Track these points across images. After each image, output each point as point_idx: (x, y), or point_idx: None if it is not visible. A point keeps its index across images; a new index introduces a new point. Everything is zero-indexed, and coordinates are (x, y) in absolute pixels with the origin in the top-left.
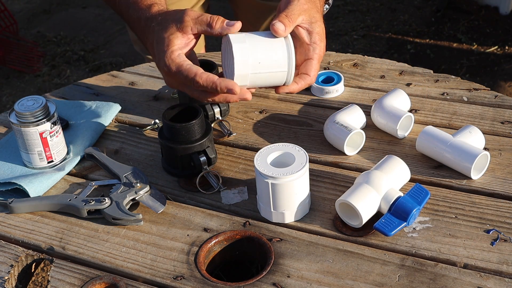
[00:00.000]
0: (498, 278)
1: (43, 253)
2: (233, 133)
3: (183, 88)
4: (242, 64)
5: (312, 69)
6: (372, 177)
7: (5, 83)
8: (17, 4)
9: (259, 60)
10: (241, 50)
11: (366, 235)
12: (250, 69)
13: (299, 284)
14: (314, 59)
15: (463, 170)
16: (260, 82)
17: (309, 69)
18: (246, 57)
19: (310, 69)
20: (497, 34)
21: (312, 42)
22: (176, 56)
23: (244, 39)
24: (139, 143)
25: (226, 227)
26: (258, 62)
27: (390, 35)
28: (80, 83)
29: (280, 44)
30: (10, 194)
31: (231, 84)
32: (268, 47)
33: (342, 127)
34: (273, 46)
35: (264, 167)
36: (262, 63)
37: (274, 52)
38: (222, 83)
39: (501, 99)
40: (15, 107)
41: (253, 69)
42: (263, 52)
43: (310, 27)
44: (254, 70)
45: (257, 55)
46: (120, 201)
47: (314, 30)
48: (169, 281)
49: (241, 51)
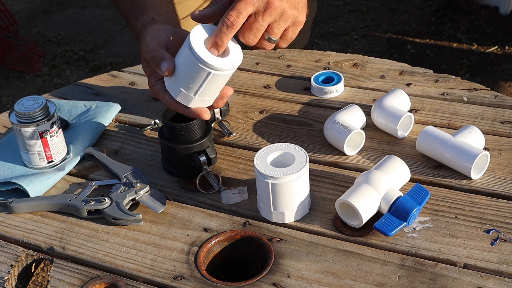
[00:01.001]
0: (498, 278)
1: (43, 253)
2: (233, 133)
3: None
4: (182, 98)
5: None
6: (372, 177)
7: (5, 83)
8: (17, 4)
9: (188, 83)
10: (171, 88)
11: (366, 235)
12: (190, 94)
13: (299, 284)
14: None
15: (463, 170)
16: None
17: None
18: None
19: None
20: (497, 34)
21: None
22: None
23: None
24: (139, 143)
25: (226, 227)
26: (189, 85)
27: (390, 35)
28: (80, 83)
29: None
30: (10, 194)
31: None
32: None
33: (342, 127)
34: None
35: (264, 167)
36: (192, 84)
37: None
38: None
39: (501, 99)
40: (15, 107)
41: (192, 92)
42: (188, 79)
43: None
44: (193, 91)
45: (183, 80)
46: (120, 201)
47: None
48: (169, 281)
49: (171, 89)
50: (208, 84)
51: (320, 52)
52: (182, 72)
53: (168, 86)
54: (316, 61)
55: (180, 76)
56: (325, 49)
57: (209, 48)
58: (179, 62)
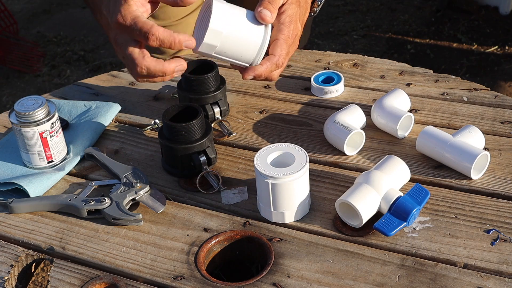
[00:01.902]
0: (498, 278)
1: (43, 253)
2: (233, 133)
3: (128, 50)
4: (206, 47)
5: (278, 49)
6: (372, 177)
7: (5, 83)
8: (17, 4)
9: (225, 50)
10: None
11: (366, 235)
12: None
13: (299, 284)
14: (280, 39)
15: (463, 170)
16: (227, 51)
17: (275, 50)
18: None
19: (275, 49)
20: (497, 34)
21: (280, 23)
22: (134, 10)
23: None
24: (139, 143)
25: (226, 227)
26: (224, 51)
27: (390, 35)
28: (80, 83)
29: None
30: (10, 194)
31: (188, 36)
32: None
33: (342, 127)
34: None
35: (264, 167)
36: (227, 53)
37: (250, 32)
38: (180, 36)
39: (501, 99)
40: (15, 107)
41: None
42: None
43: (281, 9)
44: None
45: (227, 46)
46: (120, 201)
47: (285, 12)
48: (169, 281)
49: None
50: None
51: (320, 52)
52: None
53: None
54: (316, 61)
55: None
56: (325, 49)
57: None
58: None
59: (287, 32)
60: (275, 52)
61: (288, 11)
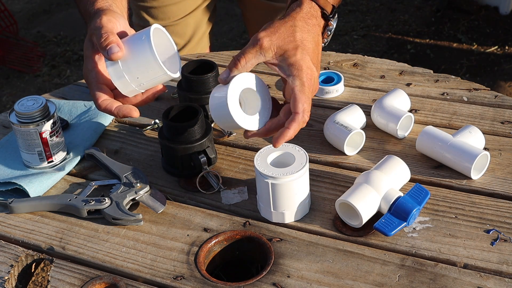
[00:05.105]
0: (498, 278)
1: (43, 253)
2: (233, 133)
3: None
4: (121, 85)
5: (298, 105)
6: (372, 177)
7: (5, 83)
8: (17, 4)
9: (136, 75)
10: (114, 71)
11: (366, 235)
12: (132, 84)
13: (299, 284)
14: (296, 92)
15: (463, 170)
16: (153, 84)
17: (296, 106)
18: (122, 77)
19: (296, 105)
20: (497, 34)
21: (287, 76)
22: (90, 70)
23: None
24: (139, 143)
25: (226, 227)
26: (136, 77)
27: (390, 35)
28: (80, 83)
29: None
30: (10, 194)
31: (128, 112)
32: (138, 60)
33: (342, 127)
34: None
35: (264, 167)
36: (140, 77)
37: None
38: (120, 112)
39: (501, 99)
40: (15, 107)
41: (135, 83)
42: (135, 65)
43: (281, 61)
44: (137, 84)
45: (132, 71)
46: (120, 201)
47: (286, 62)
48: (169, 281)
49: (114, 72)
50: (153, 82)
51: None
52: (133, 62)
53: (111, 69)
54: None
55: (130, 64)
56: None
57: None
58: (132, 50)
59: (299, 82)
60: (298, 109)
61: (289, 59)
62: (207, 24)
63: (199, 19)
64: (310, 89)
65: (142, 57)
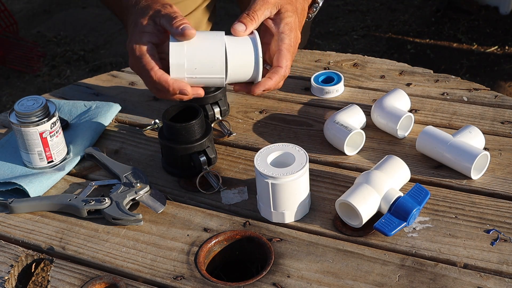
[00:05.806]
0: (498, 278)
1: (43, 253)
2: (233, 133)
3: (141, 75)
4: (175, 67)
5: (283, 60)
6: (372, 177)
7: (5, 83)
8: (17, 4)
9: (195, 65)
10: (175, 52)
11: (366, 235)
12: (185, 72)
13: (299, 284)
14: (283, 49)
15: (463, 170)
16: (201, 83)
17: (280, 61)
18: (181, 61)
19: (280, 60)
20: (497, 34)
21: (280, 32)
22: (145, 42)
23: (183, 43)
24: (139, 143)
25: (226, 227)
26: (194, 67)
27: (390, 35)
28: (80, 83)
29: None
30: (10, 194)
31: (184, 85)
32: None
33: (342, 127)
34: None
35: (264, 167)
36: (198, 68)
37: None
38: (175, 84)
39: (501, 99)
40: (15, 107)
41: (188, 73)
42: (201, 56)
43: (278, 17)
44: (190, 75)
45: (194, 59)
46: (120, 201)
47: (282, 21)
48: (169, 281)
49: (176, 52)
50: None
51: (320, 52)
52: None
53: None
54: (316, 61)
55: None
56: (325, 49)
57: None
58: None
59: (288, 41)
60: (281, 64)
61: (286, 19)
62: (207, 25)
63: (199, 20)
64: (294, 50)
65: (213, 52)
